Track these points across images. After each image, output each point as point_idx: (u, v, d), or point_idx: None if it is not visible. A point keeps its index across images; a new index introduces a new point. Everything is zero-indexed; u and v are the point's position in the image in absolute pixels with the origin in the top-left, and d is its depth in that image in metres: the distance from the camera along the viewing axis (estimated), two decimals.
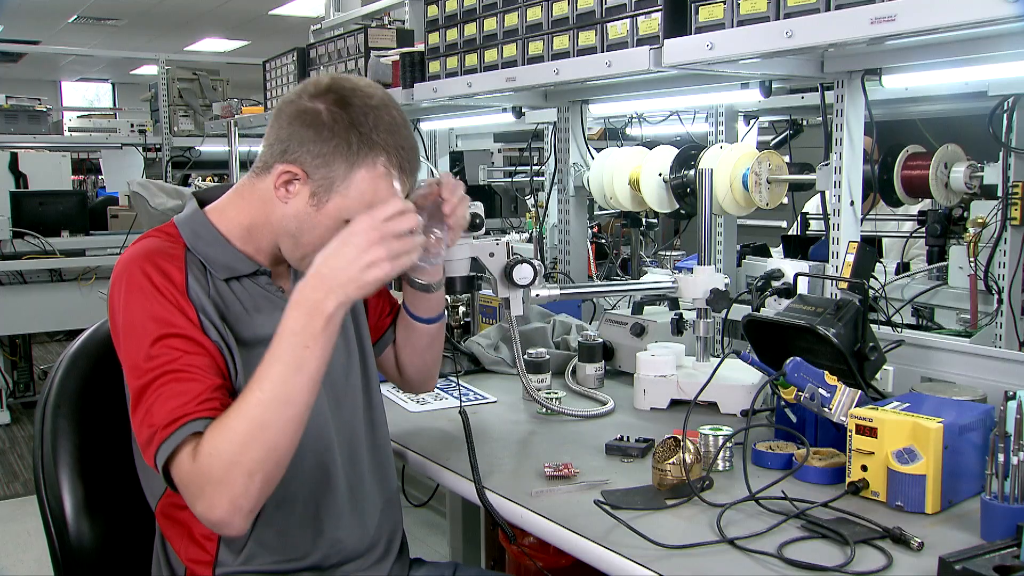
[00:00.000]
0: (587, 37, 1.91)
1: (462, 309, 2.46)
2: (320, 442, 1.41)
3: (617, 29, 1.83)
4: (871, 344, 1.55)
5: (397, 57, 2.75)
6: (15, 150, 5.72)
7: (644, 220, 3.08)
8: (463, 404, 1.62)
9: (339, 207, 1.30)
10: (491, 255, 1.70)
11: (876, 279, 2.12)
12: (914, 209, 2.70)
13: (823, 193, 1.90)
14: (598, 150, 2.62)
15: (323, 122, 1.28)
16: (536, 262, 1.71)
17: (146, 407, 1.20)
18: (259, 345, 1.32)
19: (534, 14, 2.05)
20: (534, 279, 1.70)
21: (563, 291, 1.83)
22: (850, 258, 1.72)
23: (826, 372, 1.44)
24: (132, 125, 6.17)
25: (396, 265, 1.23)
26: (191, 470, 1.17)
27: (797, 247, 2.96)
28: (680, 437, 1.39)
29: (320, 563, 1.39)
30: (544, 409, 1.81)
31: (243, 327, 1.34)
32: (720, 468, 1.47)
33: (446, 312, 1.64)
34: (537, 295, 1.76)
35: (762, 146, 2.70)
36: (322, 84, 1.32)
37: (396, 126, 1.32)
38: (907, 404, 1.35)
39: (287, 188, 1.31)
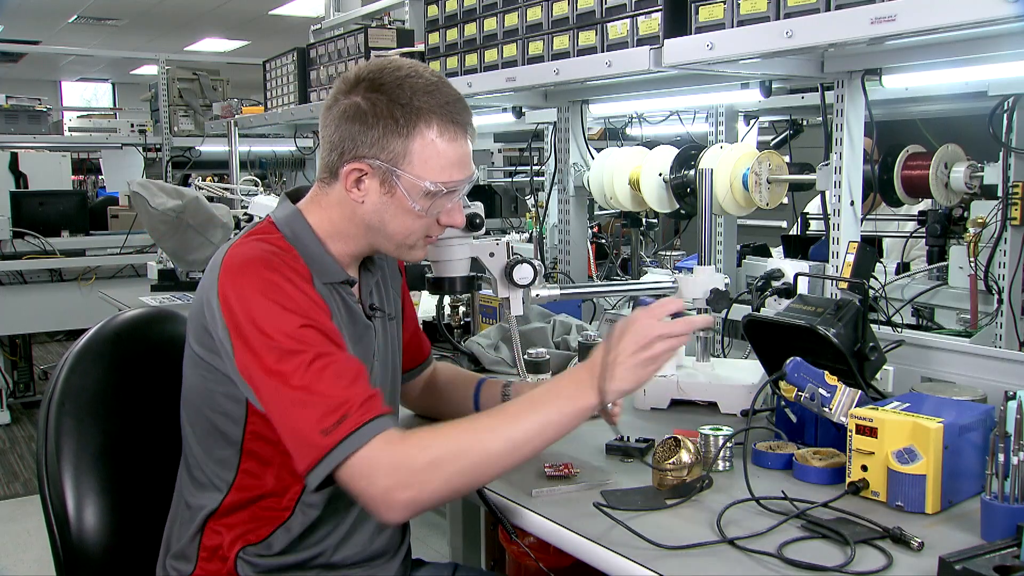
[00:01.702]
0: (587, 37, 1.91)
1: (462, 309, 2.46)
2: None
3: (617, 29, 1.83)
4: (871, 344, 1.55)
5: (397, 57, 2.75)
6: (15, 150, 5.72)
7: (644, 220, 3.08)
8: None
9: (410, 184, 1.32)
10: (491, 255, 1.71)
11: (876, 279, 2.12)
12: (914, 209, 2.70)
13: (823, 193, 1.90)
14: (598, 150, 2.62)
15: (364, 111, 1.30)
16: (536, 262, 1.71)
17: (315, 374, 1.20)
18: None
19: (534, 14, 2.05)
20: (534, 279, 1.71)
21: (563, 291, 1.83)
22: (850, 258, 1.72)
23: (826, 372, 1.44)
24: (132, 125, 6.17)
25: (664, 362, 1.27)
26: (392, 452, 1.18)
27: (797, 247, 2.96)
28: (680, 437, 1.39)
29: (338, 562, 1.41)
30: None
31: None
32: (720, 468, 1.47)
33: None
34: (537, 295, 1.76)
35: (762, 146, 2.71)
36: (350, 78, 1.34)
37: (432, 86, 1.32)
38: (907, 404, 1.35)
39: (358, 187, 1.33)
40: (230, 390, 1.31)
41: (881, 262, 2.59)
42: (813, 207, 3.19)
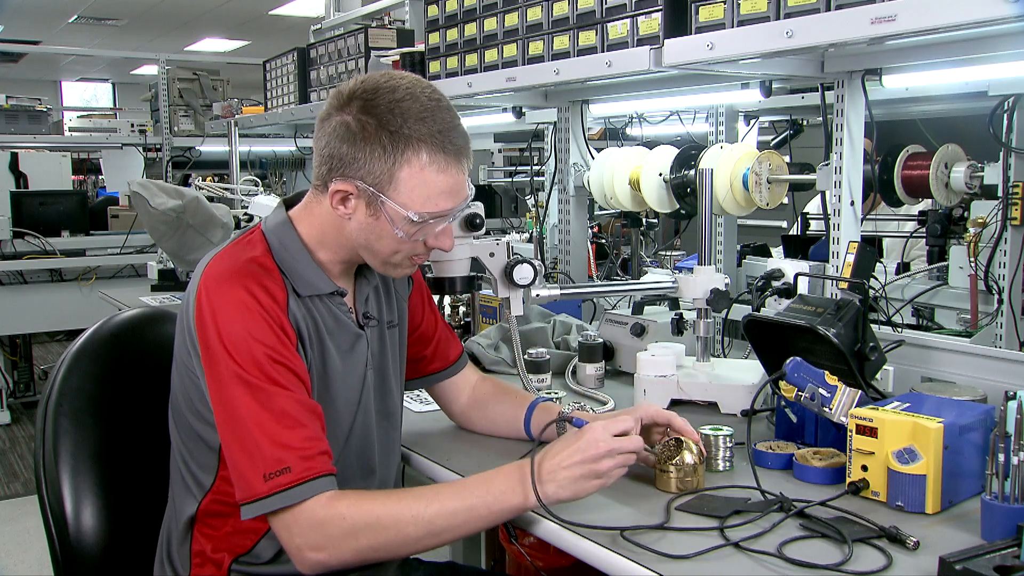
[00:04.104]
0: (587, 37, 1.91)
1: (462, 309, 2.46)
2: (367, 453, 1.45)
3: (617, 29, 1.83)
4: (871, 344, 1.55)
5: (397, 57, 2.75)
6: (15, 150, 5.71)
7: (644, 220, 3.07)
8: None
9: (396, 210, 1.29)
10: (491, 255, 1.70)
11: (876, 279, 2.12)
12: (914, 209, 2.70)
13: (823, 193, 1.90)
14: (598, 150, 2.62)
15: (353, 132, 1.27)
16: (536, 262, 1.71)
17: (268, 413, 1.22)
18: (329, 369, 1.37)
19: (534, 14, 2.05)
20: (534, 279, 1.70)
21: (563, 291, 1.83)
22: (850, 258, 1.72)
23: (826, 372, 1.44)
24: (132, 125, 6.16)
25: (609, 481, 1.26)
26: (317, 515, 1.21)
27: (797, 247, 2.96)
28: (682, 438, 1.39)
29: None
30: None
31: (318, 347, 1.36)
32: (720, 468, 1.47)
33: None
34: (537, 295, 1.76)
35: (762, 146, 2.70)
36: (344, 93, 1.30)
37: (427, 112, 1.28)
38: (907, 404, 1.35)
39: (344, 205, 1.31)
40: (208, 396, 1.31)
41: (881, 262, 2.59)
42: (813, 207, 3.19)
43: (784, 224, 3.96)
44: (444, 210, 1.32)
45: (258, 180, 4.13)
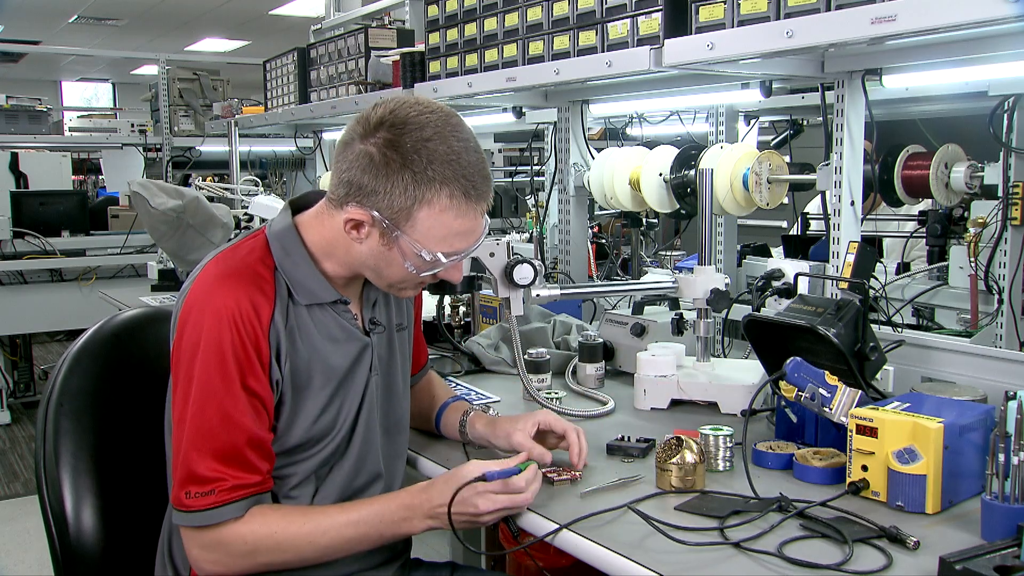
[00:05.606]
0: (587, 37, 1.91)
1: (462, 309, 2.46)
2: (371, 459, 1.45)
3: (617, 29, 1.83)
4: (871, 344, 1.55)
5: (397, 57, 2.75)
6: (15, 150, 5.71)
7: (644, 220, 3.07)
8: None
9: (409, 245, 1.29)
10: (491, 255, 1.70)
11: (876, 279, 2.12)
12: (914, 209, 2.70)
13: (823, 193, 1.90)
14: (598, 150, 2.62)
15: (376, 165, 1.25)
16: (536, 262, 1.71)
17: (213, 432, 1.26)
18: (331, 375, 1.37)
19: (534, 14, 2.05)
20: (534, 279, 1.71)
21: (563, 291, 1.83)
22: (850, 258, 1.72)
23: (826, 372, 1.44)
24: (132, 125, 6.16)
25: (496, 518, 1.32)
26: (224, 537, 1.27)
27: (797, 247, 2.96)
28: (683, 437, 1.39)
29: (338, 571, 1.41)
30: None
31: (316, 355, 1.36)
32: (720, 468, 1.47)
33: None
34: (537, 295, 1.76)
35: (762, 146, 2.70)
36: (372, 122, 1.27)
37: (454, 154, 1.26)
38: (907, 404, 1.35)
39: (357, 231, 1.30)
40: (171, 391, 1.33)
41: (881, 262, 2.59)
42: (813, 207, 3.19)
43: (784, 224, 3.96)
44: (457, 251, 1.32)
45: (258, 180, 4.13)
